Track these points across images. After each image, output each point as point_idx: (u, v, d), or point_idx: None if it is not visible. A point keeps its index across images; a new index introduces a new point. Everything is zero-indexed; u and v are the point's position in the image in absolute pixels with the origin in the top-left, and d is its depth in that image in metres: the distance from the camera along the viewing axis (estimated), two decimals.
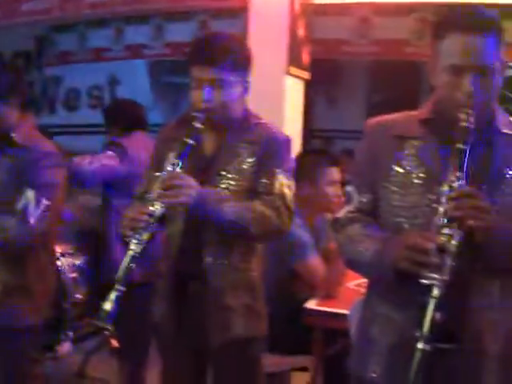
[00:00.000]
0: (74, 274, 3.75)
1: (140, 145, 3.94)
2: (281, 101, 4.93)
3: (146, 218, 2.33)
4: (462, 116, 1.93)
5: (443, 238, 1.81)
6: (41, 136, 2.92)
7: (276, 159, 2.60)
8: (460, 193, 1.85)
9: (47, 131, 3.01)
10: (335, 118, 10.19)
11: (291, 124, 4.99)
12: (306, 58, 5.24)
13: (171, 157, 2.45)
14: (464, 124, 1.92)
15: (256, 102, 2.78)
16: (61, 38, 9.89)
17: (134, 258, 2.28)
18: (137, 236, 2.30)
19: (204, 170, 2.58)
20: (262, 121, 2.70)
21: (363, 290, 2.37)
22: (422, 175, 2.02)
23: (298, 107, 5.22)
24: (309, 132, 9.11)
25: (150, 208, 2.35)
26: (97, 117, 4.25)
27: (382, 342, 2.07)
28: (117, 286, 2.25)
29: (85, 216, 4.40)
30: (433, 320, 1.76)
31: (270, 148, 2.60)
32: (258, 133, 2.63)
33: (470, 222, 1.81)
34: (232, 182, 2.56)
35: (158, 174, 2.47)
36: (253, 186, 2.58)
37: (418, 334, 1.76)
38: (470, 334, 1.96)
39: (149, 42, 8.97)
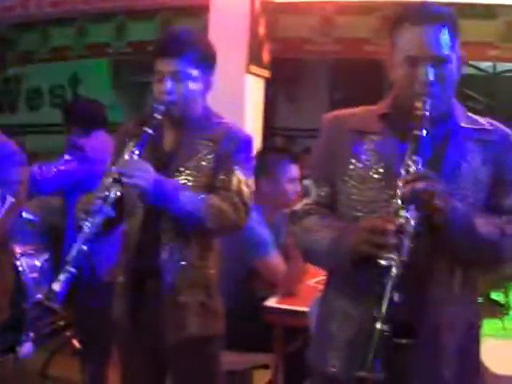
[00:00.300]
0: (34, 274, 3.72)
1: (100, 144, 3.92)
2: (241, 99, 4.94)
3: (99, 201, 2.34)
4: (419, 104, 1.96)
5: (401, 220, 1.82)
6: (2, 135, 2.90)
7: (235, 156, 2.61)
8: (416, 175, 1.87)
9: (9, 131, 2.96)
10: (297, 117, 10.21)
11: (252, 122, 5.00)
12: (266, 56, 5.25)
13: (129, 146, 2.47)
14: (420, 112, 1.95)
15: (216, 100, 2.79)
16: (22, 37, 9.80)
17: (85, 240, 2.28)
18: (89, 219, 2.30)
19: (163, 165, 2.59)
20: (224, 120, 2.71)
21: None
22: (380, 170, 2.04)
23: (258, 105, 5.23)
24: (270, 130, 9.13)
25: (105, 192, 2.36)
26: (59, 116, 4.20)
27: (340, 337, 2.09)
28: (67, 267, 2.24)
29: (45, 215, 4.37)
30: (391, 300, 1.77)
31: (230, 145, 2.61)
32: (218, 131, 2.64)
33: (426, 204, 1.83)
34: (190, 178, 2.57)
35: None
36: (211, 182, 2.59)
37: (375, 314, 1.77)
38: (428, 329, 1.99)
39: (111, 40, 8.92)
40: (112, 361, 3.97)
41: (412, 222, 1.82)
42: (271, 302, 3.50)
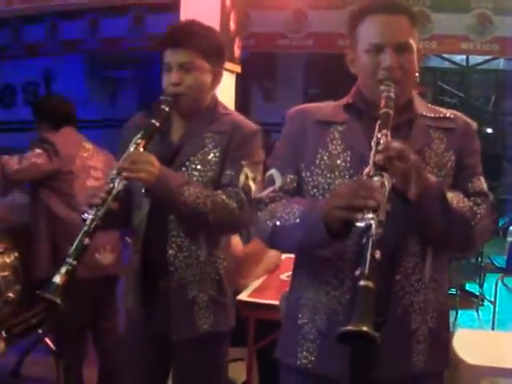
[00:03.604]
0: (5, 273, 3.69)
1: (69, 141, 3.90)
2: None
3: (103, 194, 2.30)
4: (385, 87, 1.99)
5: (376, 183, 1.80)
6: None
7: (242, 151, 2.57)
8: (387, 144, 1.87)
9: None
10: (272, 111, 10.23)
11: None
12: (237, 52, 5.24)
13: (136, 138, 2.43)
14: (386, 94, 1.98)
15: None
16: None
17: (87, 233, 2.25)
18: (92, 212, 2.27)
19: (169, 158, 2.55)
20: (230, 112, 2.69)
21: None
22: (348, 158, 2.05)
23: (230, 100, 5.19)
24: None
25: (109, 185, 2.33)
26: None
27: (311, 328, 2.07)
28: (68, 260, 2.20)
29: (14, 214, 4.34)
30: (373, 258, 1.73)
31: (237, 139, 2.57)
32: (225, 123, 2.60)
33: (398, 165, 1.84)
34: (196, 173, 2.53)
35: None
36: (218, 177, 2.55)
37: (358, 272, 1.73)
38: (399, 315, 1.99)
39: (84, 36, 8.90)
40: (88, 359, 3.97)
41: (387, 185, 1.82)
42: (243, 296, 3.50)
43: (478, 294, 7.32)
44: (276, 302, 3.17)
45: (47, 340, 4.52)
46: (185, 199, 2.41)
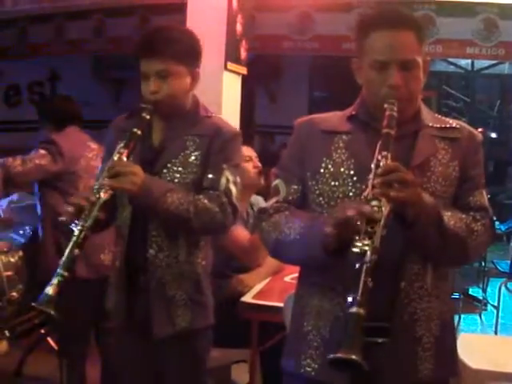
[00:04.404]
0: (8, 272, 3.70)
1: (73, 141, 3.92)
2: (218, 96, 4.94)
3: (88, 205, 2.31)
4: (388, 106, 1.99)
5: (373, 208, 1.82)
6: None
7: (223, 154, 2.60)
8: (386, 168, 1.88)
9: None
10: (276, 114, 10.23)
11: (229, 119, 4.95)
12: (243, 53, 5.26)
13: (119, 147, 2.45)
14: (388, 112, 1.98)
15: None
16: (0, 32, 9.74)
17: (76, 244, 2.26)
18: (80, 223, 2.28)
19: (151, 162, 2.58)
20: (211, 114, 2.70)
21: None
22: (352, 166, 2.06)
23: (235, 102, 5.22)
24: (249, 127, 9.13)
25: (95, 196, 2.34)
26: None
27: (315, 335, 2.07)
28: (60, 271, 2.22)
29: (20, 214, 4.36)
30: (365, 285, 1.75)
31: (218, 142, 2.60)
32: (206, 126, 2.63)
33: (395, 194, 1.84)
34: (177, 175, 2.56)
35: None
36: (199, 180, 2.58)
37: (350, 298, 1.76)
38: (403, 324, 1.99)
39: (90, 37, 8.89)
40: (90, 358, 3.97)
41: (384, 211, 1.83)
42: (247, 298, 3.51)
43: (481, 298, 7.32)
44: (280, 305, 3.18)
45: (49, 339, 4.53)
46: (167, 207, 2.46)
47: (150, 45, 2.56)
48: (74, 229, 2.29)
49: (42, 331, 4.29)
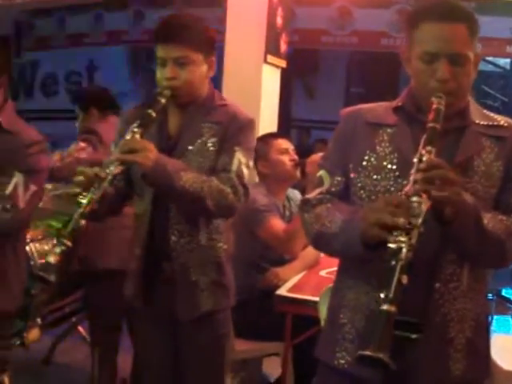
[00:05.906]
0: (42, 260, 3.72)
1: (114, 130, 3.92)
2: (257, 88, 4.92)
3: (98, 177, 2.30)
4: (435, 99, 1.95)
5: (413, 204, 1.80)
6: (24, 121, 2.88)
7: (236, 138, 2.61)
8: (429, 163, 1.85)
9: (23, 117, 2.95)
10: (313, 109, 10.22)
11: (267, 111, 4.98)
12: (283, 46, 5.25)
13: (132, 127, 2.45)
14: (435, 106, 1.94)
15: (233, 89, 2.80)
16: (39, 22, 9.83)
17: (83, 215, 2.25)
18: (88, 195, 2.27)
19: (168, 149, 2.58)
20: (227, 102, 2.71)
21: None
22: (395, 160, 2.03)
23: (274, 95, 5.20)
24: (286, 121, 9.13)
25: (106, 169, 2.33)
26: None
27: (350, 328, 2.06)
28: (63, 240, 2.19)
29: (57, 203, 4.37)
30: (399, 282, 1.72)
31: (232, 128, 2.61)
32: (222, 113, 2.64)
33: (436, 192, 1.82)
34: (195, 164, 2.57)
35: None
36: (214, 165, 2.59)
37: (382, 295, 1.72)
38: (437, 322, 1.97)
39: (128, 28, 8.95)
40: (122, 347, 3.99)
41: (423, 208, 1.80)
42: (282, 291, 3.50)
43: None
44: (315, 298, 3.17)
45: (80, 328, 4.56)
46: (183, 184, 2.44)
47: (168, 31, 2.55)
48: (82, 200, 2.26)
49: (73, 319, 4.34)
